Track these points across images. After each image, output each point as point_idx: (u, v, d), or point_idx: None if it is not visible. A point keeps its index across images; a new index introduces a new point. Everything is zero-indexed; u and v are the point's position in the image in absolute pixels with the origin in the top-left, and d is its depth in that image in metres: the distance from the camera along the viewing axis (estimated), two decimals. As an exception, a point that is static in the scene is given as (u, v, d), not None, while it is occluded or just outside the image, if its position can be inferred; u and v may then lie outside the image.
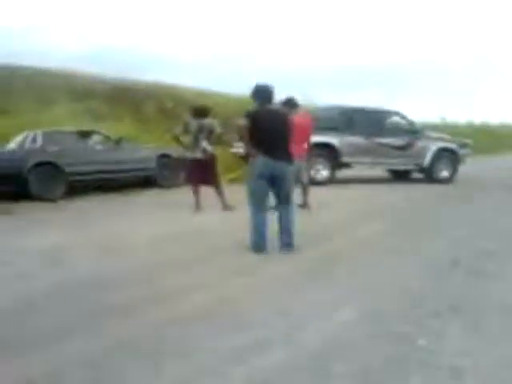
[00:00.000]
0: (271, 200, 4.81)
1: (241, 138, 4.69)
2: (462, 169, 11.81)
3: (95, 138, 9.91)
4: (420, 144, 11.30)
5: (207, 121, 7.26)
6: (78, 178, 9.05)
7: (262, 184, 4.61)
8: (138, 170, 10.17)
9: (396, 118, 11.63)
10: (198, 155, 7.15)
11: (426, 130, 12.40)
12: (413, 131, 11.41)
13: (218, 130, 7.28)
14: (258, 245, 4.63)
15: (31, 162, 8.43)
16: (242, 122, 4.55)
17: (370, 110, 11.46)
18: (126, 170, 9.96)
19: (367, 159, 11.13)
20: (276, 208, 4.82)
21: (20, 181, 8.29)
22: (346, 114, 11.16)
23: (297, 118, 6.84)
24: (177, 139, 7.46)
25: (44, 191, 8.49)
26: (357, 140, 10.90)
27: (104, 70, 19.48)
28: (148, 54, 45.66)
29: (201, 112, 7.33)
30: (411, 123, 11.61)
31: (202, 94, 18.89)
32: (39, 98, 15.20)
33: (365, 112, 11.31)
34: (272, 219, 4.77)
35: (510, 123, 29.25)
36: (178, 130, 7.45)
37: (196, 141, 7.15)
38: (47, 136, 8.93)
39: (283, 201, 4.75)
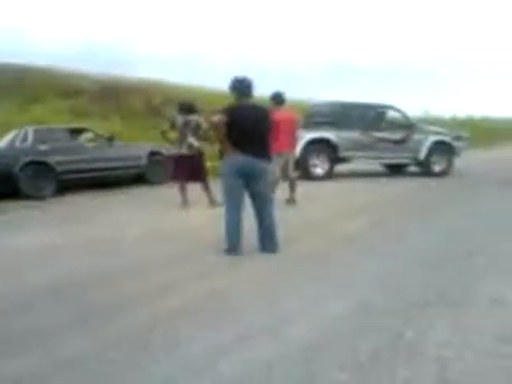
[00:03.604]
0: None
1: (216, 135, 4.45)
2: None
3: (86, 135, 9.70)
4: (415, 137, 11.24)
5: (194, 117, 7.19)
6: (69, 176, 8.90)
7: (237, 181, 4.35)
8: (129, 167, 10.06)
9: (392, 113, 11.58)
10: (184, 151, 7.09)
11: (421, 123, 12.35)
12: (408, 125, 11.36)
13: (205, 125, 7.12)
14: (233, 245, 4.37)
15: (22, 161, 8.28)
16: (218, 117, 4.29)
17: (366, 105, 11.38)
18: (117, 168, 9.82)
19: (364, 154, 11.07)
20: (254, 209, 4.52)
21: (10, 180, 8.14)
22: (343, 109, 11.12)
23: (284, 113, 6.99)
24: (164, 135, 7.39)
25: (34, 190, 8.38)
26: (354, 135, 10.84)
27: (89, 67, 19.05)
28: (133, 50, 45.16)
29: (187, 108, 7.28)
30: (406, 117, 11.55)
31: (189, 89, 18.62)
32: (24, 95, 14.83)
33: (361, 107, 11.27)
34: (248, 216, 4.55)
35: (492, 117, 29.65)
36: (166, 126, 7.39)
37: (183, 137, 7.10)
38: (38, 134, 8.75)
39: (261, 201, 4.47)
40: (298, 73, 44.55)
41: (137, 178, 10.17)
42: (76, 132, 9.65)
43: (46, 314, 3.13)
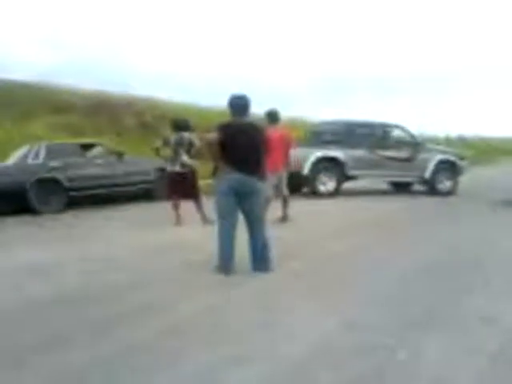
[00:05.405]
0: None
1: (210, 152, 4.42)
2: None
3: (97, 150, 9.52)
4: (421, 156, 11.32)
5: (187, 134, 7.11)
6: (78, 193, 8.78)
7: (230, 199, 4.27)
8: (138, 183, 9.91)
9: (398, 131, 11.68)
10: (177, 168, 7.01)
11: (427, 142, 12.52)
12: (414, 144, 11.47)
13: (197, 143, 7.05)
14: (225, 263, 4.30)
15: (33, 178, 8.20)
16: (212, 135, 4.25)
17: (372, 124, 11.50)
18: (126, 184, 9.65)
19: (371, 172, 11.14)
20: (247, 227, 4.42)
21: (21, 197, 8.05)
22: (350, 128, 11.20)
23: (278, 131, 6.95)
24: (157, 152, 7.32)
25: (43, 206, 8.28)
26: (361, 153, 10.91)
27: (79, 83, 18.75)
28: (124, 67, 44.86)
29: (181, 125, 7.19)
30: (412, 136, 11.70)
31: (182, 107, 18.52)
32: (15, 111, 14.46)
33: (368, 125, 11.37)
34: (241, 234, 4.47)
35: (484, 136, 30.39)
36: (159, 143, 7.32)
37: (176, 154, 7.02)
38: (49, 150, 8.64)
39: (255, 219, 4.38)
40: (290, 90, 44.90)
41: (145, 194, 10.03)
42: (87, 147, 9.51)
43: (42, 328, 3.13)
